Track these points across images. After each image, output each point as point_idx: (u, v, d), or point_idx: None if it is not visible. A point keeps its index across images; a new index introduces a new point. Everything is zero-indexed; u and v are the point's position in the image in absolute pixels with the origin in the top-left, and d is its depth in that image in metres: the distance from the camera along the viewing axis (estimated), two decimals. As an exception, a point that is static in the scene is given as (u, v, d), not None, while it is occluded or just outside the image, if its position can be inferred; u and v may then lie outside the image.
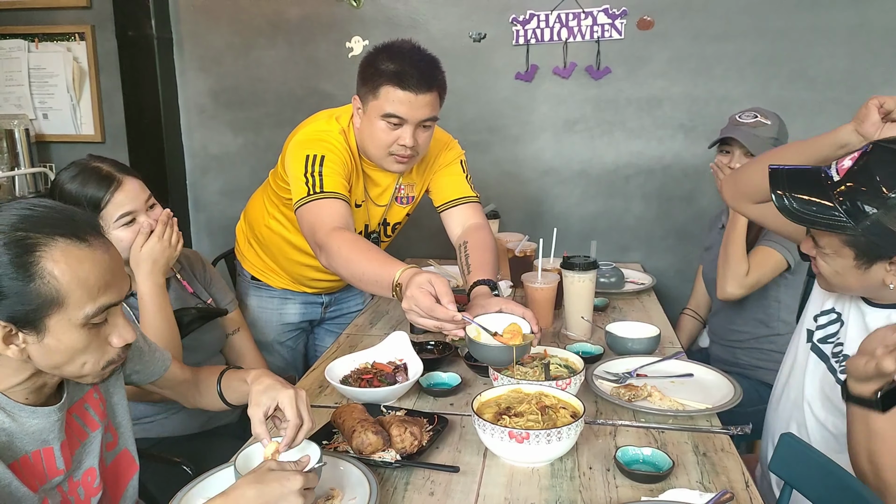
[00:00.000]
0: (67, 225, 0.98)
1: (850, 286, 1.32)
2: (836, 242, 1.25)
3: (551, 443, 1.22)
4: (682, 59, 2.88)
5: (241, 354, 2.00)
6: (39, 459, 1.05)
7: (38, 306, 0.95)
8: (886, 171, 1.18)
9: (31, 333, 0.96)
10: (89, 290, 0.98)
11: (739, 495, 1.18)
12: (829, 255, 1.28)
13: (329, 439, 1.37)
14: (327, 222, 1.70)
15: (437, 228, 2.22)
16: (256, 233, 2.21)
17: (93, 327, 1.00)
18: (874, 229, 1.18)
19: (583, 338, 1.93)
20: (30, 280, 0.93)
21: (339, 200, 1.75)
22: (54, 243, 0.95)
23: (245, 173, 3.27)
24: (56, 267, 0.95)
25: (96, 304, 0.99)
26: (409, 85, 1.72)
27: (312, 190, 1.75)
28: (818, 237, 1.28)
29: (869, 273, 1.25)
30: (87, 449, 1.16)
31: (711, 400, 1.53)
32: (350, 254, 1.62)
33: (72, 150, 3.35)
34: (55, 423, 1.07)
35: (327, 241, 1.66)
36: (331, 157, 1.80)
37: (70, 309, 0.97)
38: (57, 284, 0.95)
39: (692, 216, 2.99)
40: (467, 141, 2.68)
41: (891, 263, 1.23)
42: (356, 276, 1.62)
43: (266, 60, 3.17)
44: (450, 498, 1.19)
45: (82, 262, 0.97)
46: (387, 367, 1.64)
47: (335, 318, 2.40)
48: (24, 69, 3.32)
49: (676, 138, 2.95)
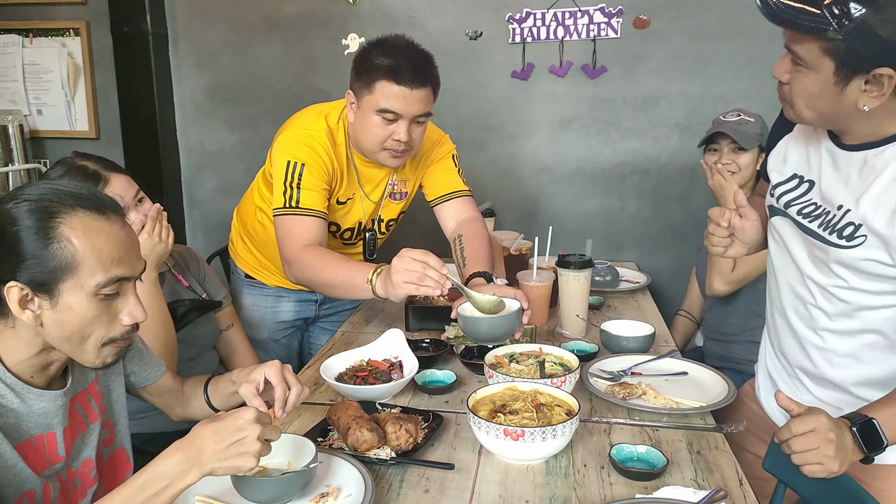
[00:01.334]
0: (89, 199, 1.04)
1: (822, 110, 1.22)
2: (816, 51, 1.15)
3: (546, 440, 1.22)
4: (678, 59, 2.88)
5: (234, 350, 2.01)
6: (42, 444, 1.08)
7: (53, 269, 0.99)
8: None
9: (46, 298, 1.01)
10: (102, 261, 1.02)
11: (733, 493, 1.19)
12: (806, 71, 1.19)
13: (324, 436, 1.37)
14: (296, 240, 1.77)
15: (431, 226, 2.23)
16: (249, 230, 2.21)
17: (104, 299, 1.04)
18: (858, 32, 1.09)
19: (578, 336, 1.94)
20: (48, 243, 0.99)
21: (313, 218, 1.81)
22: (74, 212, 1.01)
23: (241, 170, 3.27)
24: (73, 234, 1.00)
25: (108, 274, 1.03)
26: (404, 80, 1.73)
27: (288, 203, 1.80)
28: (798, 48, 1.18)
29: (845, 93, 1.16)
30: (87, 440, 1.18)
31: (706, 398, 1.54)
32: (320, 263, 1.69)
33: (66, 146, 3.33)
34: (60, 407, 1.10)
35: (296, 257, 1.73)
36: (311, 164, 1.83)
37: (83, 276, 1.01)
38: (73, 250, 1.00)
39: (687, 215, 3.00)
40: (463, 139, 2.68)
41: (867, 82, 1.14)
42: (328, 283, 1.68)
43: (262, 57, 3.16)
44: (445, 495, 1.19)
45: (99, 233, 1.03)
46: (382, 365, 1.64)
47: (330, 316, 2.40)
48: (18, 65, 3.30)
49: (672, 137, 2.96)
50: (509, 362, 1.60)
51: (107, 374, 1.28)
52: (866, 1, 1.08)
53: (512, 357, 1.62)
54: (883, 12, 1.08)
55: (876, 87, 1.13)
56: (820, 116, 1.23)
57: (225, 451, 1.00)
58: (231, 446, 1.00)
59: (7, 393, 1.04)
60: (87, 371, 1.21)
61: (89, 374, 1.22)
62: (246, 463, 1.01)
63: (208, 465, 1.00)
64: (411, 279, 1.56)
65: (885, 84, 1.12)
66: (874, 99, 1.15)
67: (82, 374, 1.19)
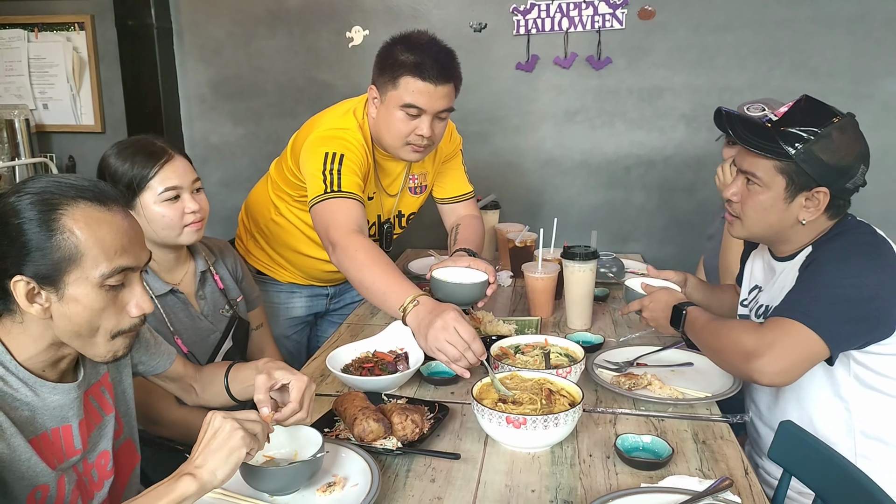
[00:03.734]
0: (91, 191, 1.04)
1: (770, 223, 1.46)
2: (772, 170, 1.41)
3: (548, 428, 1.23)
4: (683, 50, 2.87)
5: (262, 350, 1.98)
6: (58, 437, 1.08)
7: (57, 261, 0.99)
8: (816, 112, 1.42)
9: (52, 291, 1.01)
10: (106, 251, 1.02)
11: (739, 482, 1.19)
12: (760, 188, 1.43)
13: (331, 427, 1.38)
14: (343, 223, 1.71)
15: (437, 219, 2.24)
16: (262, 227, 2.20)
17: (110, 290, 1.04)
18: (805, 156, 1.37)
19: (583, 328, 1.94)
20: (51, 235, 0.99)
21: (355, 202, 1.76)
22: (76, 204, 1.01)
23: (245, 164, 3.27)
24: (76, 225, 1.00)
25: (112, 264, 1.03)
26: (428, 76, 1.74)
27: (330, 188, 1.76)
28: (755, 169, 1.43)
29: (790, 208, 1.42)
30: (102, 432, 1.18)
31: (711, 388, 1.54)
32: (363, 260, 1.62)
33: (72, 140, 3.35)
34: (74, 400, 1.10)
35: (343, 242, 1.67)
36: (349, 155, 1.81)
37: (87, 267, 1.01)
38: (76, 241, 1.00)
39: (693, 207, 2.99)
40: (468, 131, 2.67)
41: (807, 199, 1.40)
42: (363, 284, 1.63)
43: (266, 50, 3.16)
44: (451, 485, 1.20)
45: (101, 224, 1.03)
46: (388, 356, 1.65)
47: (338, 310, 2.40)
48: (23, 59, 3.31)
49: (678, 129, 2.95)
50: (515, 353, 1.60)
51: (117, 365, 1.28)
52: (808, 131, 1.37)
53: (517, 348, 1.62)
54: (824, 141, 1.36)
55: (813, 203, 1.40)
56: (767, 228, 1.48)
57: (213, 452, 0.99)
58: (212, 443, 1.00)
59: (20, 387, 1.04)
60: (98, 363, 1.22)
61: (101, 367, 1.22)
62: (236, 441, 1.00)
63: (206, 469, 0.98)
64: (446, 351, 1.44)
65: (820, 200, 1.40)
66: (811, 213, 1.41)
67: (94, 366, 1.20)
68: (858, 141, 1.40)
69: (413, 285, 1.59)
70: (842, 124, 1.38)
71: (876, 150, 1.42)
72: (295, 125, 2.15)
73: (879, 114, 2.77)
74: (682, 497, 1.10)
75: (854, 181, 1.40)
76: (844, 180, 1.39)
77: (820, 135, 1.36)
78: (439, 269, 1.70)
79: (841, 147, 1.37)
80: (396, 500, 1.16)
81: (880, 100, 2.77)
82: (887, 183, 2.71)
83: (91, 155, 3.27)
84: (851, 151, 1.38)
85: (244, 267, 1.95)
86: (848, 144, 1.38)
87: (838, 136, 1.37)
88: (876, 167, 1.46)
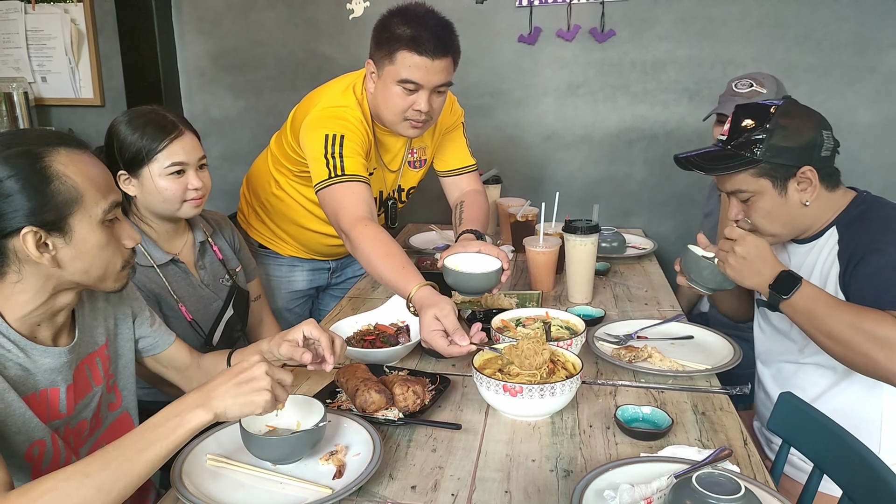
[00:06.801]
0: (63, 138, 1.08)
1: (782, 220, 1.47)
2: (752, 179, 1.45)
3: (545, 397, 1.25)
4: (687, 22, 2.84)
5: (260, 321, 2.00)
6: (45, 398, 1.10)
7: (60, 205, 1.03)
8: (754, 113, 1.46)
9: (59, 236, 1.04)
10: (99, 188, 1.07)
11: (738, 452, 1.20)
12: (754, 197, 1.46)
13: (333, 398, 1.39)
14: (350, 209, 1.70)
15: (438, 193, 2.22)
16: (263, 201, 2.20)
17: (108, 225, 1.09)
18: (770, 152, 1.41)
19: (584, 301, 1.94)
20: (48, 182, 1.02)
21: (360, 183, 1.75)
22: (56, 150, 1.05)
23: (246, 137, 3.26)
24: (66, 168, 1.04)
25: (107, 200, 1.08)
26: (425, 50, 1.70)
27: (333, 172, 1.74)
28: (739, 185, 1.47)
29: (789, 199, 1.45)
30: (90, 403, 1.20)
31: (711, 361, 1.55)
32: (374, 250, 1.61)
33: (72, 113, 3.33)
34: (64, 364, 1.12)
35: (351, 233, 1.66)
36: (350, 135, 1.79)
37: (88, 206, 1.06)
38: (73, 183, 1.04)
39: (695, 182, 2.97)
40: (469, 105, 2.65)
41: (798, 183, 1.43)
42: (377, 275, 1.63)
43: (265, 22, 3.12)
44: (452, 454, 1.21)
45: (88, 165, 1.07)
46: (389, 329, 1.66)
47: (340, 284, 2.41)
48: (21, 31, 3.28)
49: (681, 102, 2.93)
50: (516, 326, 1.61)
51: (117, 338, 1.29)
52: (759, 131, 1.42)
53: (518, 321, 1.63)
54: (779, 132, 1.41)
55: (805, 183, 1.43)
56: (783, 226, 1.49)
57: (236, 387, 1.01)
58: (242, 384, 1.01)
59: (12, 347, 1.06)
60: (96, 331, 1.22)
61: (99, 336, 1.23)
62: (259, 397, 1.01)
63: (221, 401, 0.99)
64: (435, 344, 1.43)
65: (810, 178, 1.42)
66: (809, 192, 1.44)
67: (91, 334, 1.21)
68: (809, 114, 1.45)
69: (415, 274, 1.55)
70: (784, 110, 1.43)
71: (877, 124, 1.42)
72: (295, 98, 2.13)
73: (882, 87, 2.74)
74: (681, 466, 1.11)
75: (826, 147, 1.43)
76: (818, 151, 1.42)
77: (770, 129, 1.41)
78: (451, 257, 1.64)
79: (796, 128, 1.42)
80: (398, 469, 1.17)
81: (882, 73, 2.74)
82: (890, 156, 2.69)
83: (91, 129, 3.25)
84: (807, 126, 1.43)
85: (241, 239, 1.96)
86: (801, 122, 1.43)
87: (787, 121, 1.42)
88: (878, 140, 1.46)
